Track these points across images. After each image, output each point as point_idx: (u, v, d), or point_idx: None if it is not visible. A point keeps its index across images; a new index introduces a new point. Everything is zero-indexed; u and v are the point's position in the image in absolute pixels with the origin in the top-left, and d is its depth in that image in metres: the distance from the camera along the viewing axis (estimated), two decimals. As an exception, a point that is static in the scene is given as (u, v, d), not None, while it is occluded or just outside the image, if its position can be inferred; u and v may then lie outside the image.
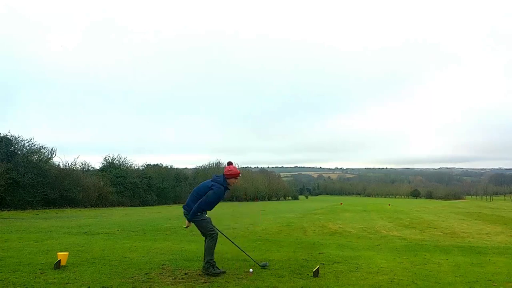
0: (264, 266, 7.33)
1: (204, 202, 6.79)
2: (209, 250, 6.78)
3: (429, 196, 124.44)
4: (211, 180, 7.01)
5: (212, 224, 6.99)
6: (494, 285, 6.43)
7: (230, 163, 7.16)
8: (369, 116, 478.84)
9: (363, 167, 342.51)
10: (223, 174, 7.05)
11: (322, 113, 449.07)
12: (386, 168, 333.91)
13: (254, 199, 79.08)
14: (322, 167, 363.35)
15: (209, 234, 6.88)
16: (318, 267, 6.98)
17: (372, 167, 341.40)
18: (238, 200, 70.90)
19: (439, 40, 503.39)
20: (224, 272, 6.82)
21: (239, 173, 7.12)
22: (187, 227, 7.20)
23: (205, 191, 6.86)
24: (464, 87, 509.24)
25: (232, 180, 7.07)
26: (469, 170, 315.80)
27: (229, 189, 7.20)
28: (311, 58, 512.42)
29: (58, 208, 31.13)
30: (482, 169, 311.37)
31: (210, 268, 6.71)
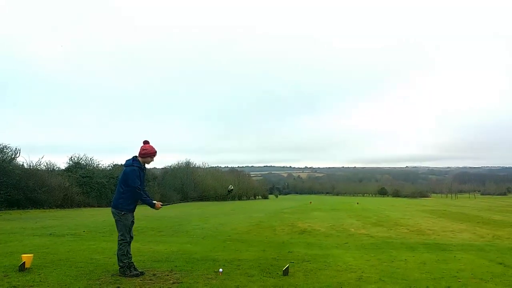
0: None
1: (133, 191, 6.65)
2: (120, 253, 6.57)
3: (396, 194, 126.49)
4: (124, 166, 6.89)
5: (130, 229, 6.78)
6: (459, 281, 6.59)
7: (146, 142, 6.92)
8: (337, 116, 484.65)
9: (332, 166, 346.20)
10: (135, 155, 6.89)
11: (291, 112, 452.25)
12: (355, 167, 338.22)
13: (224, 198, 78.78)
14: (292, 166, 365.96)
15: (119, 237, 6.67)
16: (288, 266, 7.00)
17: (341, 166, 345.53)
18: (208, 200, 70.55)
19: (419, 41, 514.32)
20: (143, 273, 6.60)
21: (155, 152, 6.95)
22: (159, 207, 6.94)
23: (123, 181, 6.71)
24: (432, 89, 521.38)
25: (148, 159, 6.93)
26: (435, 169, 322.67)
27: (145, 168, 7.01)
28: (285, 57, 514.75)
29: (22, 209, 30.28)
30: (447, 167, 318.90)
31: (126, 270, 6.52)
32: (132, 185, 6.64)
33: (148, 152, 6.88)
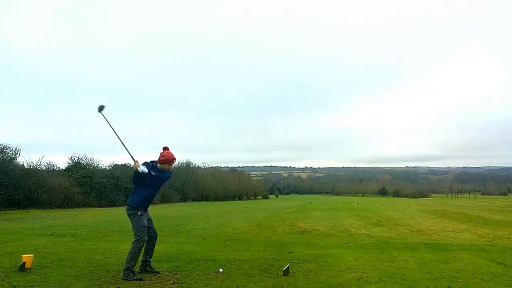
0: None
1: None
2: (132, 255, 6.46)
3: (396, 194, 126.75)
4: None
5: (146, 228, 6.74)
6: (459, 281, 6.58)
7: (166, 148, 6.98)
8: (337, 116, 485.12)
9: (332, 166, 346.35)
10: (155, 161, 6.94)
11: (292, 112, 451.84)
12: (355, 167, 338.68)
13: (225, 198, 78.89)
14: (292, 166, 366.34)
15: (136, 237, 6.61)
16: (288, 266, 6.99)
17: (341, 166, 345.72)
18: (208, 200, 70.61)
19: (419, 41, 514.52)
20: (142, 279, 6.39)
21: (173, 159, 6.97)
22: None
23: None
24: (432, 88, 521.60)
25: (166, 165, 6.95)
26: (435, 169, 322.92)
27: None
28: (283, 56, 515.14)
29: (23, 209, 30.27)
30: (448, 167, 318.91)
31: (130, 274, 6.38)
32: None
33: (166, 159, 6.91)
